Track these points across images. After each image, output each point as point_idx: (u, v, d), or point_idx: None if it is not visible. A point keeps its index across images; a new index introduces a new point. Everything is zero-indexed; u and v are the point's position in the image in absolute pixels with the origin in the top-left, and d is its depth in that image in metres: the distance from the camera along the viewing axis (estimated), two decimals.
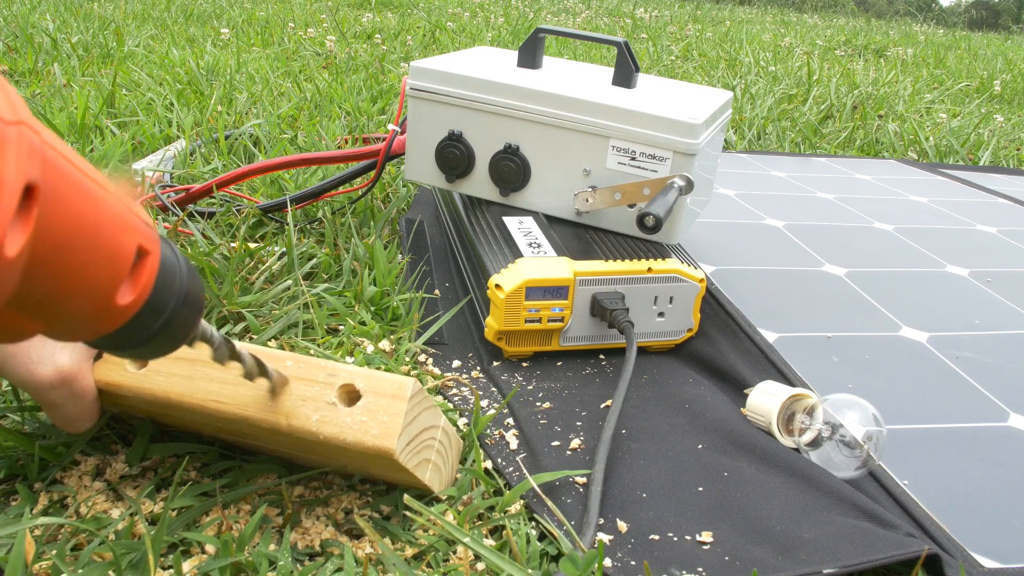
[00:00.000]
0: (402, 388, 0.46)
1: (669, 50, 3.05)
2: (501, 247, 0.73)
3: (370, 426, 0.45)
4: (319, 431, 0.45)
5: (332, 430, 0.45)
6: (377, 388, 0.46)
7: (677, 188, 0.71)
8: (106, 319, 0.31)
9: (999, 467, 0.59)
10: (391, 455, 0.45)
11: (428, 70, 0.79)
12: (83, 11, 2.64)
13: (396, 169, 1.20)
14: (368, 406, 0.46)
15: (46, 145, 0.25)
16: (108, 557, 0.45)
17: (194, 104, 1.48)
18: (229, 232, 0.90)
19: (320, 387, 0.47)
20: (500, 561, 0.45)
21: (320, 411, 0.46)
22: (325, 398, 0.46)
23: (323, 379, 0.47)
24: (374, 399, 0.46)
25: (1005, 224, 1.18)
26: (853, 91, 2.28)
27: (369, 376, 0.47)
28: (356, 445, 0.45)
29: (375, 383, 0.47)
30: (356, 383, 0.47)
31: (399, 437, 0.45)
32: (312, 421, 0.46)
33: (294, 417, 0.46)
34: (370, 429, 0.45)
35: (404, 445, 0.46)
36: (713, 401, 0.65)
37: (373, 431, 0.45)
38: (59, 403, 0.49)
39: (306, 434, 0.46)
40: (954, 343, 0.78)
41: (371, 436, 0.45)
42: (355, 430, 0.45)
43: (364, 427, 0.45)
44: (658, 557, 0.48)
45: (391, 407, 0.46)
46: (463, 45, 2.69)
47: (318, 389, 0.47)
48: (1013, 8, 19.28)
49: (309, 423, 0.46)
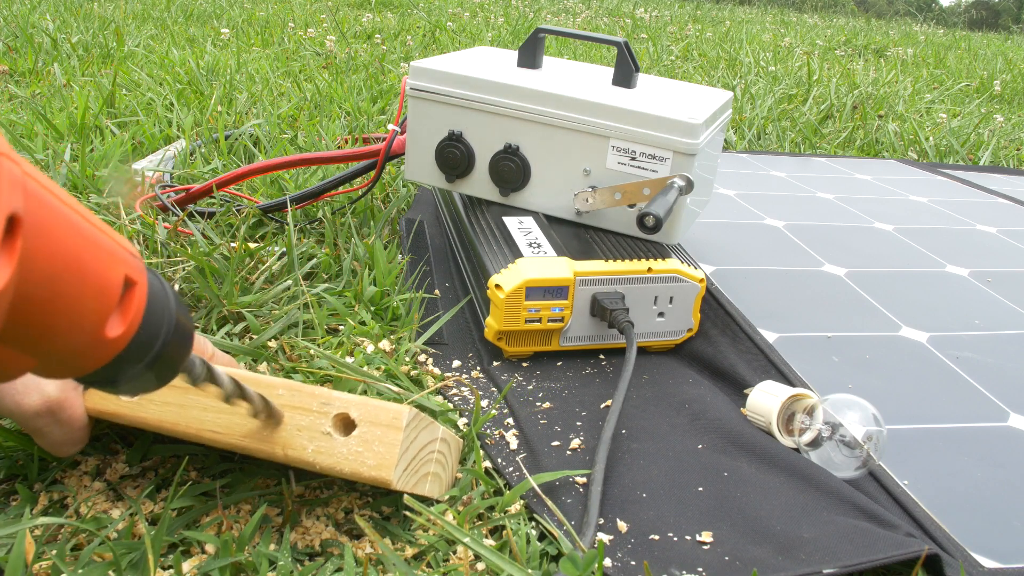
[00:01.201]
0: (397, 418, 0.46)
1: (669, 50, 3.05)
2: (501, 247, 0.73)
3: (366, 456, 0.45)
4: (315, 462, 0.45)
5: (328, 461, 0.45)
6: (372, 417, 0.46)
7: (677, 188, 0.71)
8: (97, 353, 0.30)
9: (999, 467, 0.59)
10: (388, 485, 0.45)
11: (428, 70, 0.79)
12: (83, 11, 2.64)
13: (396, 169, 1.20)
14: (364, 436, 0.45)
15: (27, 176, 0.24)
16: (108, 557, 0.45)
17: (194, 104, 1.48)
18: (229, 232, 0.90)
19: (314, 416, 0.46)
20: (500, 561, 0.45)
21: (315, 441, 0.46)
22: (320, 428, 0.46)
23: (317, 408, 0.46)
24: (369, 429, 0.45)
25: (1005, 224, 1.18)
26: (853, 91, 2.28)
27: (364, 404, 0.46)
28: (353, 476, 0.45)
29: (370, 412, 0.46)
30: (351, 412, 0.46)
31: (396, 467, 0.45)
32: (308, 452, 0.45)
33: (290, 448, 0.46)
34: (367, 460, 0.45)
35: (401, 472, 0.45)
36: (713, 401, 0.65)
37: (370, 462, 0.45)
38: (45, 430, 0.48)
39: (302, 464, 0.46)
40: (954, 343, 0.78)
41: (368, 467, 0.45)
42: (351, 461, 0.45)
43: (360, 458, 0.45)
44: (658, 557, 0.48)
45: (387, 437, 0.45)
46: (463, 45, 2.69)
47: (312, 418, 0.46)
48: (1013, 8, 19.28)
49: (305, 454, 0.45)
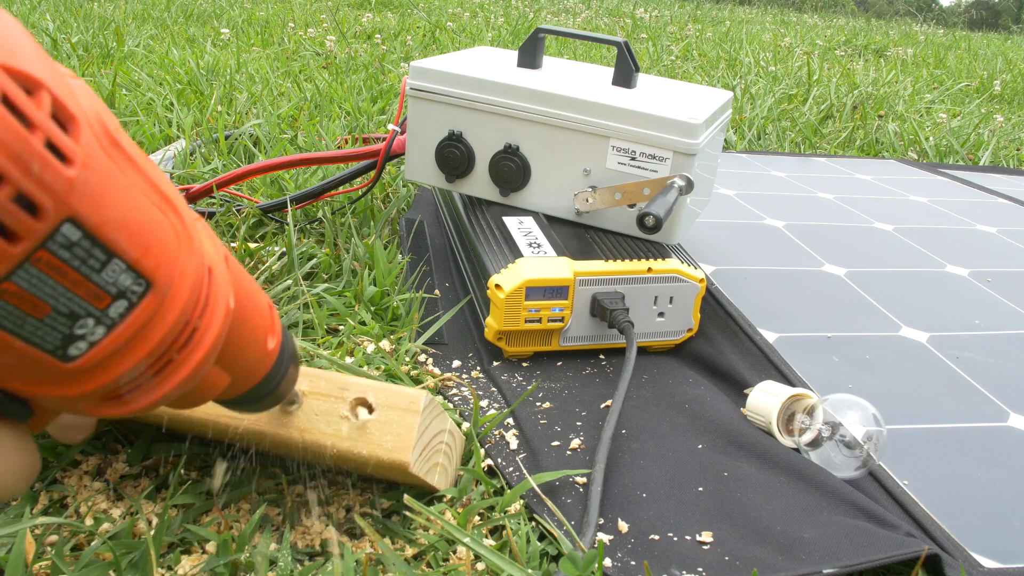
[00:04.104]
0: (415, 402, 0.47)
1: (669, 50, 3.05)
2: (501, 247, 0.73)
3: (384, 440, 0.46)
4: (333, 445, 0.46)
5: (346, 444, 0.46)
6: (389, 402, 0.47)
7: (677, 188, 0.71)
8: (262, 366, 0.36)
9: (999, 467, 0.59)
10: (406, 468, 0.45)
11: (428, 70, 0.79)
12: (83, 11, 2.64)
13: (396, 169, 1.20)
14: (381, 420, 0.46)
15: (226, 255, 0.32)
16: (108, 557, 0.45)
17: (194, 104, 1.48)
18: (229, 232, 0.90)
19: (332, 401, 0.47)
20: (500, 561, 0.45)
21: (333, 425, 0.46)
22: (338, 412, 0.47)
23: (335, 392, 0.47)
24: (387, 413, 0.46)
25: (1005, 224, 1.18)
26: (853, 91, 2.28)
27: (381, 389, 0.47)
28: (371, 459, 0.45)
29: (387, 397, 0.47)
30: (368, 397, 0.47)
31: (413, 450, 0.45)
32: (326, 435, 0.46)
33: (308, 432, 0.46)
34: (384, 443, 0.46)
35: (417, 456, 0.46)
36: (713, 401, 0.65)
37: (387, 445, 0.45)
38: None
39: (320, 448, 0.46)
40: (954, 343, 0.78)
41: (386, 450, 0.45)
42: (369, 444, 0.46)
43: (378, 441, 0.46)
44: (658, 557, 0.48)
45: (404, 421, 0.46)
46: (463, 45, 2.69)
47: (330, 403, 0.47)
48: (1013, 8, 19.28)
49: (323, 437, 0.46)
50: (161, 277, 0.25)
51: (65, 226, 0.21)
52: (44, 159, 0.20)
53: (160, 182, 0.26)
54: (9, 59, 0.20)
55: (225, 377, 0.33)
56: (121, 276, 0.24)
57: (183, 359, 0.28)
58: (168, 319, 0.26)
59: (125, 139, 0.25)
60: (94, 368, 0.25)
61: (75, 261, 0.22)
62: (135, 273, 0.24)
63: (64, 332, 0.23)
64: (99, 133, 0.23)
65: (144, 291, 0.25)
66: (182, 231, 0.27)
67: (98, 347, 0.24)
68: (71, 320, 0.23)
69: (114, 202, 0.23)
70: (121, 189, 0.23)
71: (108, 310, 0.24)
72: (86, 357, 0.24)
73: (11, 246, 0.20)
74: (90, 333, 0.24)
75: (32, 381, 0.24)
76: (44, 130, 0.20)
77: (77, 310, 0.23)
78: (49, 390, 0.25)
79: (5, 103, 0.19)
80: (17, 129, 0.19)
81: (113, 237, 0.23)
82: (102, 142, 0.23)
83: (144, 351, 0.26)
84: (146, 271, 0.25)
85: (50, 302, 0.22)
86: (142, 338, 0.26)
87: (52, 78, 0.21)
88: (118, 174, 0.23)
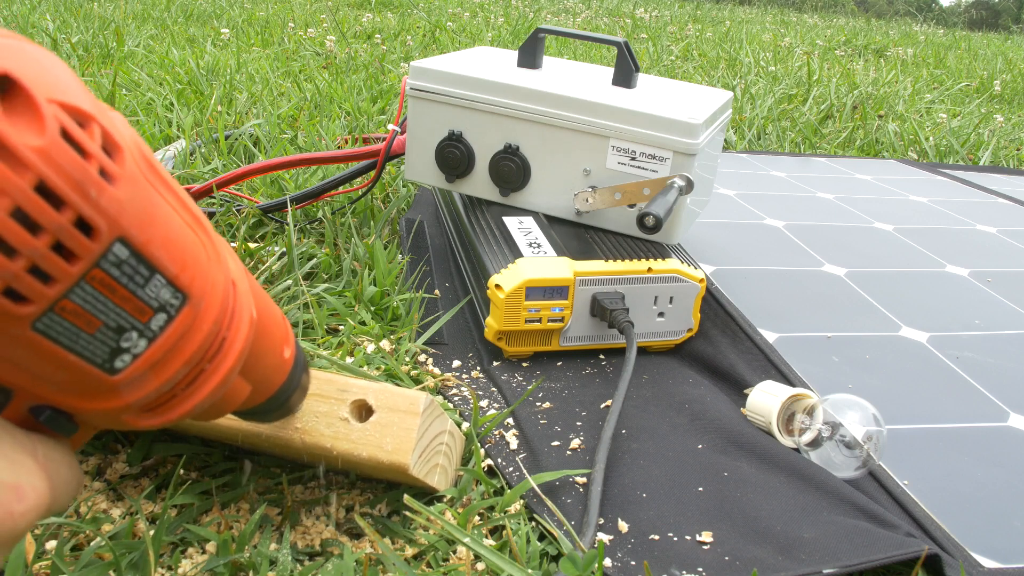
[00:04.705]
0: (414, 404, 0.47)
1: (669, 50, 3.05)
2: (501, 247, 0.73)
3: (384, 442, 0.46)
4: (333, 447, 0.46)
5: (346, 446, 0.46)
6: (389, 403, 0.47)
7: (677, 188, 0.71)
8: (279, 375, 0.38)
9: (999, 467, 0.59)
10: (406, 470, 0.45)
11: (428, 70, 0.79)
12: (83, 11, 2.64)
13: (396, 169, 1.20)
14: (381, 422, 0.46)
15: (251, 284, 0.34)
16: (108, 557, 0.45)
17: (194, 104, 1.48)
18: (229, 232, 0.90)
19: (332, 403, 0.47)
20: (500, 561, 0.45)
21: (333, 427, 0.46)
22: (338, 414, 0.47)
23: (335, 394, 0.47)
24: (387, 415, 0.46)
25: (1005, 224, 1.18)
26: (853, 91, 2.28)
27: (381, 391, 0.47)
28: (370, 461, 0.46)
29: (387, 398, 0.47)
30: (368, 399, 0.47)
31: (412, 452, 0.45)
32: (326, 437, 0.46)
33: (308, 434, 0.46)
34: (384, 445, 0.46)
35: (417, 458, 0.46)
36: (713, 401, 0.65)
37: (387, 447, 0.45)
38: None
39: (320, 451, 0.46)
40: (954, 343, 0.78)
41: (385, 452, 0.45)
42: (369, 446, 0.46)
43: (378, 443, 0.46)
44: (658, 557, 0.48)
45: (404, 423, 0.46)
46: (463, 45, 2.69)
47: (330, 405, 0.47)
48: (1013, 8, 19.28)
49: (323, 439, 0.46)
50: (196, 290, 0.27)
51: (116, 245, 0.23)
52: (100, 185, 0.22)
53: (188, 203, 0.28)
54: (62, 96, 0.22)
55: (247, 387, 0.34)
56: (162, 290, 0.26)
57: (214, 368, 0.30)
58: (203, 329, 0.28)
59: (159, 164, 0.26)
60: (137, 380, 0.26)
61: (124, 278, 0.24)
62: (173, 287, 0.26)
63: (112, 346, 0.25)
64: (138, 159, 0.25)
65: (181, 304, 0.27)
66: (210, 247, 0.29)
67: (141, 359, 0.26)
68: (118, 334, 0.25)
69: (155, 222, 0.25)
70: (160, 210, 0.25)
71: (150, 323, 0.26)
72: (130, 369, 0.26)
73: (70, 266, 0.22)
74: (134, 346, 0.26)
75: (80, 395, 0.26)
76: (97, 159, 0.22)
77: (124, 324, 0.25)
78: (95, 404, 0.26)
79: (64, 136, 0.21)
80: (76, 159, 0.21)
81: (156, 254, 0.25)
82: (141, 167, 0.25)
83: (181, 361, 0.28)
84: (183, 285, 0.27)
85: (101, 317, 0.24)
86: (179, 349, 0.28)
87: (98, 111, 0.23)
88: (156, 196, 0.25)
